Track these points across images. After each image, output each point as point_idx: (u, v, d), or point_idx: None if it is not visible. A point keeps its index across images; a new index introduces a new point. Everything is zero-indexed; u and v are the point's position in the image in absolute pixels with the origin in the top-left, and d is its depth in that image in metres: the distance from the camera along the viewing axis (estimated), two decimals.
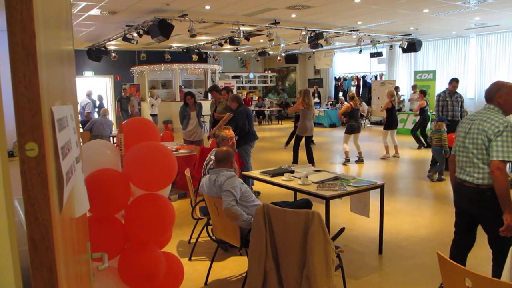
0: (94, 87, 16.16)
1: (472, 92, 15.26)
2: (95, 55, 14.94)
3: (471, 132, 3.12)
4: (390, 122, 10.05)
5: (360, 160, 9.66)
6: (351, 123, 9.38)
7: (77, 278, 1.30)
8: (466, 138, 3.16)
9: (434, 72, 15.52)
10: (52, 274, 0.92)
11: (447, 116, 8.11)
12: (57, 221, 0.98)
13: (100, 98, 15.02)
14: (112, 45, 15.39)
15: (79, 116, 12.40)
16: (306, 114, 8.63)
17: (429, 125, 12.19)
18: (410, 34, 14.28)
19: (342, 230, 3.49)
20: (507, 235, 2.95)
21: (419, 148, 11.39)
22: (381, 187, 4.46)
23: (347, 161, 9.47)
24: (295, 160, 8.74)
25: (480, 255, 4.48)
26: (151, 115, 15.31)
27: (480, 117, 3.11)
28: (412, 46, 14.43)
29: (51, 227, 0.91)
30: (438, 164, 7.61)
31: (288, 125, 18.80)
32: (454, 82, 8.34)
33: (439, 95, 8.38)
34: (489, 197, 3.03)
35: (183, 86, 18.84)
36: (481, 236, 5.01)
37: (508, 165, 2.89)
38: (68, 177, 1.11)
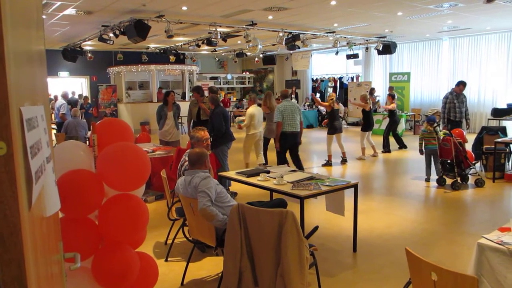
0: (70, 87, 15.99)
1: (445, 93, 15.59)
2: (71, 55, 14.70)
3: (294, 110, 7.31)
4: (367, 124, 10.22)
5: (344, 161, 9.66)
6: (333, 123, 9.37)
7: (47, 277, 1.31)
8: (293, 113, 7.29)
9: (408, 73, 15.88)
10: (20, 269, 0.94)
11: (455, 118, 8.76)
12: (26, 218, 0.99)
13: (81, 97, 14.86)
14: (88, 45, 15.19)
15: (55, 117, 12.22)
16: (271, 117, 8.52)
17: (401, 126, 12.41)
18: (385, 37, 14.55)
19: (316, 228, 3.56)
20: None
21: (400, 148, 11.51)
22: (355, 186, 4.56)
23: (329, 164, 9.39)
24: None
25: (450, 250, 4.63)
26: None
27: (292, 103, 7.47)
28: (387, 48, 14.72)
29: (20, 223, 0.93)
30: (434, 163, 7.60)
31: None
32: (461, 85, 8.92)
33: (446, 97, 8.92)
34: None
35: (163, 89, 18.68)
36: (452, 232, 5.18)
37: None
38: (37, 176, 1.13)
